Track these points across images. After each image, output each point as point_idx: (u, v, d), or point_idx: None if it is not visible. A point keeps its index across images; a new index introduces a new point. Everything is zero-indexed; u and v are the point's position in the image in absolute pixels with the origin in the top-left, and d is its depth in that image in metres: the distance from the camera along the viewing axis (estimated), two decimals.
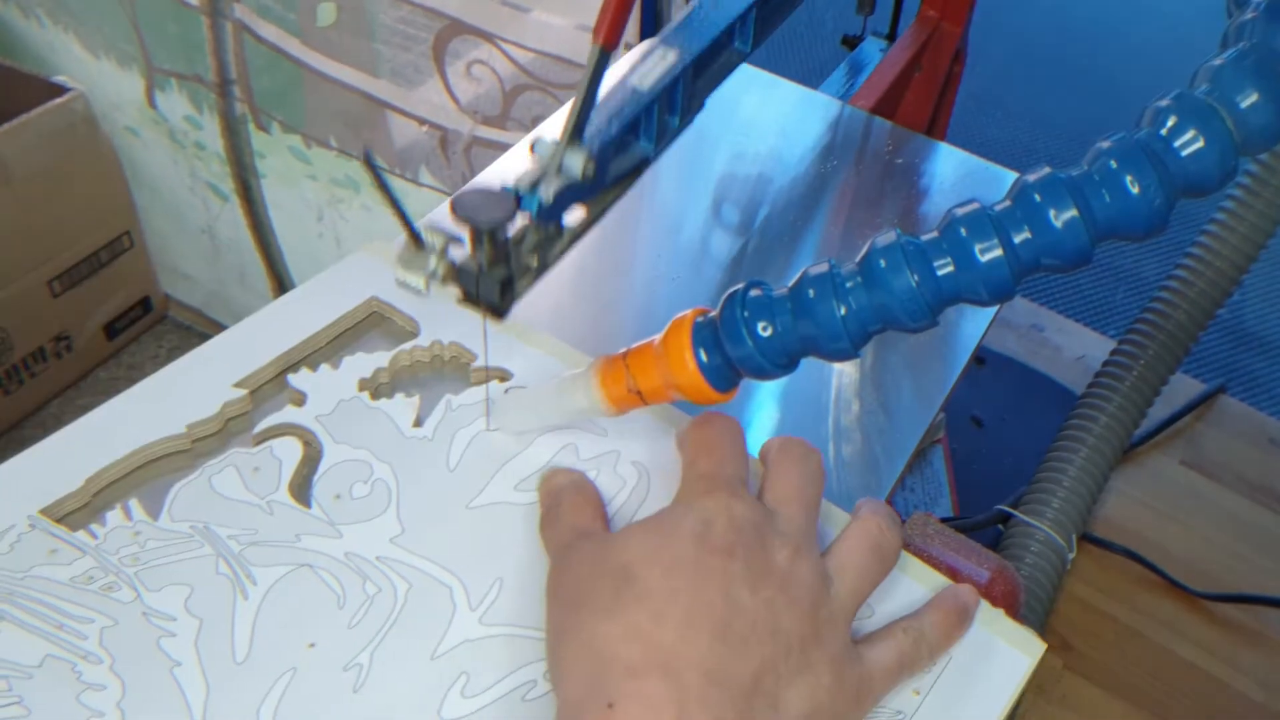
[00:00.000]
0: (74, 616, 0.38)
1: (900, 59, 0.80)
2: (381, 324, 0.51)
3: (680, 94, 0.47)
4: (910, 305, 0.36)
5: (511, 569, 0.41)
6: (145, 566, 0.40)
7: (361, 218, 1.31)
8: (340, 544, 0.41)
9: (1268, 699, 0.64)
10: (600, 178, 0.42)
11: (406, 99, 1.14)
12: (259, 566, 0.40)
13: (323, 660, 0.38)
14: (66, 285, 1.48)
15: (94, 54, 1.43)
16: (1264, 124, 0.35)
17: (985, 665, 0.39)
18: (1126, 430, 0.65)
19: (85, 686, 0.36)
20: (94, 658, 0.37)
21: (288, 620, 0.39)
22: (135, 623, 0.38)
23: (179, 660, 0.37)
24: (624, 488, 0.44)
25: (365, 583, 0.40)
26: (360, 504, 0.43)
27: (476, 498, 0.43)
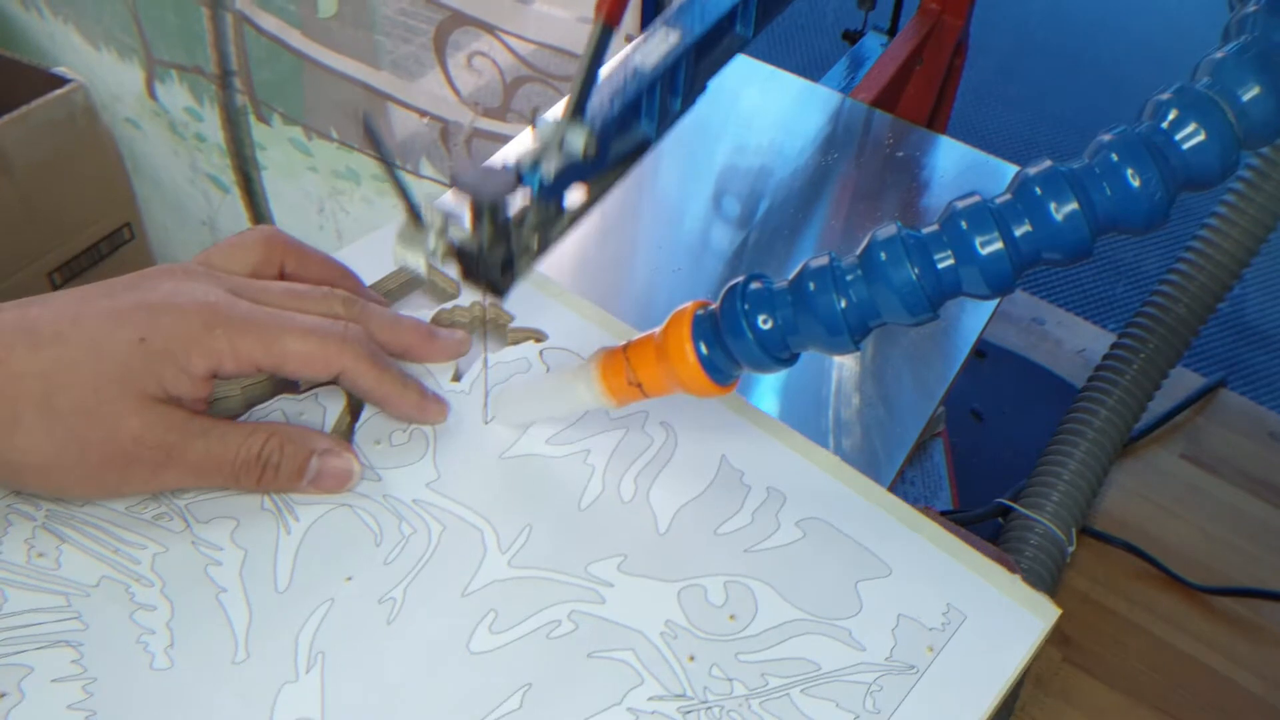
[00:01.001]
0: (128, 542, 0.41)
1: (901, 52, 0.80)
2: (424, 284, 0.53)
3: (682, 76, 0.47)
4: (911, 298, 0.36)
5: (541, 516, 0.43)
6: (195, 499, 0.42)
7: (363, 210, 1.31)
8: (379, 486, 0.43)
9: (1267, 692, 0.65)
10: (601, 157, 0.42)
11: (407, 91, 1.14)
12: (301, 504, 0.42)
13: (359, 593, 0.40)
14: (67, 277, 1.48)
15: (94, 45, 1.42)
16: (1265, 117, 0.34)
17: (999, 626, 0.40)
18: (1127, 424, 0.65)
19: (137, 607, 0.39)
20: (146, 580, 0.40)
21: (327, 555, 0.41)
22: (185, 550, 0.41)
23: (224, 587, 0.40)
24: (651, 445, 0.46)
25: (401, 523, 0.42)
26: (399, 450, 0.45)
27: (510, 449, 0.45)
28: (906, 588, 0.41)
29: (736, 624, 0.40)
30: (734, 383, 0.41)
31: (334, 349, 0.42)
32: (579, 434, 0.46)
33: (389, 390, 0.44)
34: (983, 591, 0.41)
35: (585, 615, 0.40)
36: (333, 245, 1.38)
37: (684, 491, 0.44)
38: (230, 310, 0.41)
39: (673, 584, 0.41)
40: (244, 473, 0.41)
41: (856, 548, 0.43)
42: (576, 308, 0.51)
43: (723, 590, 0.41)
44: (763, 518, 0.43)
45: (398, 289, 0.52)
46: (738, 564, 0.42)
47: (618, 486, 0.44)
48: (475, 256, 0.39)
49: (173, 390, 0.40)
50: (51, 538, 0.40)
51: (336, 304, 0.44)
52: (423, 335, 0.47)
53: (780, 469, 0.45)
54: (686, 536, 0.43)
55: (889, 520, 0.44)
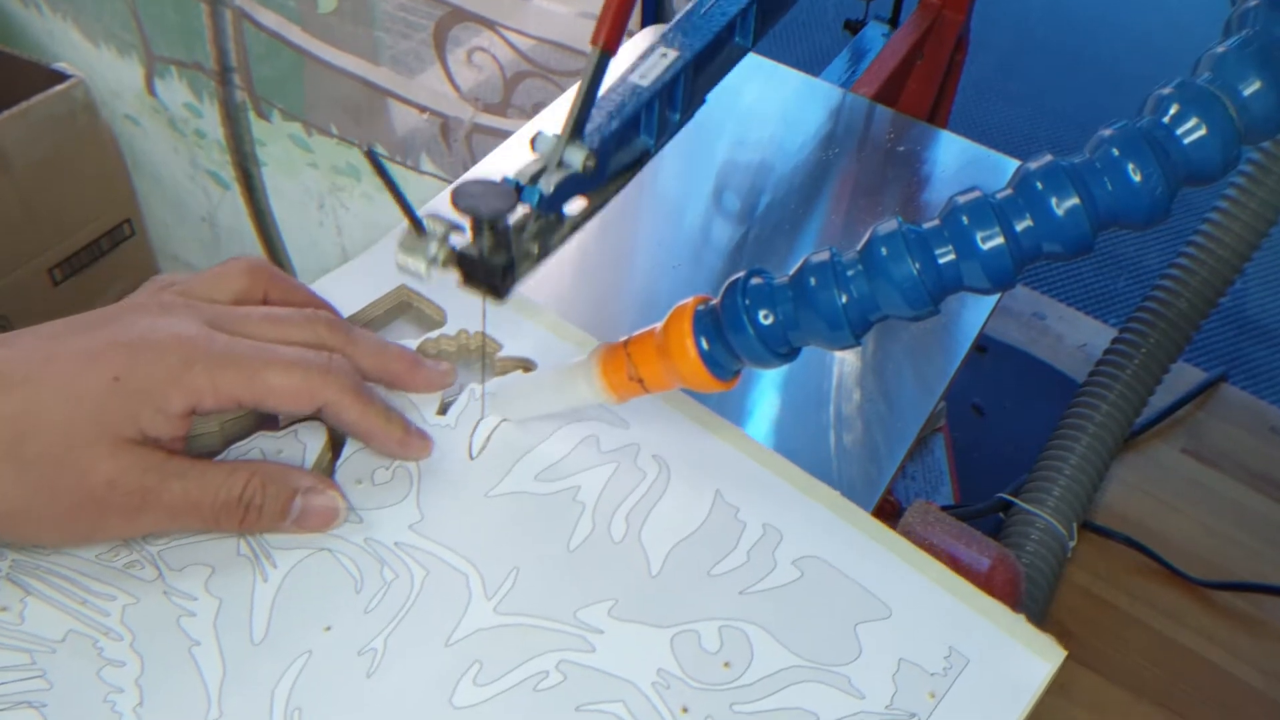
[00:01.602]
0: (97, 593, 0.39)
1: (902, 46, 0.80)
2: (409, 311, 0.51)
3: (681, 90, 0.47)
4: (912, 293, 0.36)
5: (528, 558, 0.41)
6: (168, 546, 0.40)
7: (362, 206, 1.31)
8: (360, 529, 0.42)
9: (1268, 686, 0.65)
10: (601, 171, 0.42)
11: (407, 86, 1.14)
12: (279, 549, 0.41)
13: (338, 644, 0.38)
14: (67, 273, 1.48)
15: (93, 42, 1.42)
16: (1266, 112, 0.34)
17: (1003, 670, 0.39)
18: (1128, 418, 0.65)
19: (106, 662, 0.37)
20: (115, 634, 0.38)
21: (305, 603, 0.39)
22: (156, 601, 0.39)
23: (198, 639, 0.38)
24: (643, 480, 0.44)
25: (383, 568, 0.40)
26: (381, 490, 0.43)
27: (496, 487, 0.44)
28: (907, 630, 0.40)
29: (731, 672, 0.38)
30: (735, 378, 0.41)
31: (317, 382, 0.41)
32: (568, 469, 0.44)
33: (373, 424, 0.42)
34: (986, 633, 0.40)
35: (574, 665, 0.38)
36: (332, 240, 1.39)
37: (677, 530, 0.42)
38: (209, 345, 0.40)
39: (665, 630, 0.39)
40: (225, 514, 0.39)
41: (856, 588, 0.41)
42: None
43: (717, 636, 0.39)
44: (759, 556, 0.42)
45: (382, 316, 0.50)
46: (733, 607, 0.40)
47: (608, 525, 0.42)
48: (476, 262, 0.39)
49: (149, 431, 0.38)
50: (16, 590, 0.38)
51: (321, 327, 0.43)
52: (408, 363, 0.45)
53: (777, 504, 0.44)
54: (680, 578, 0.41)
55: (889, 558, 0.42)
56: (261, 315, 0.43)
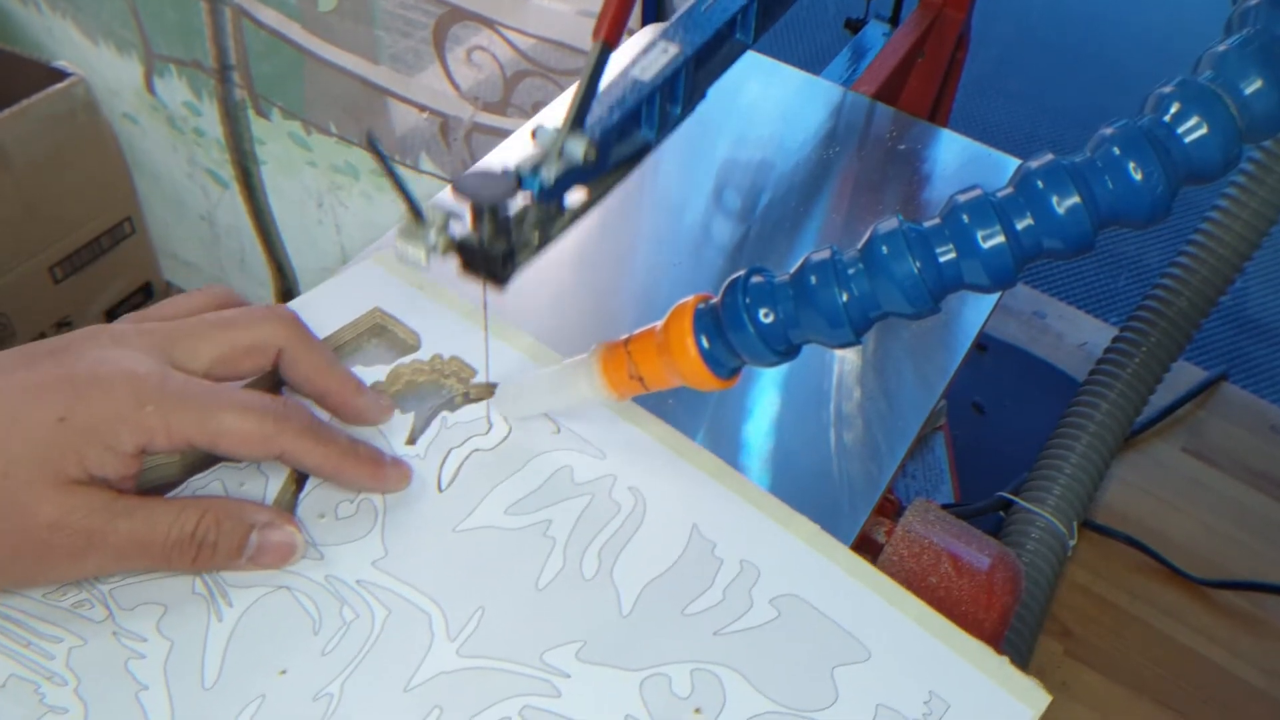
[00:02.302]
0: (42, 635, 0.37)
1: (903, 45, 0.80)
2: (384, 335, 0.50)
3: (682, 85, 0.47)
4: (912, 292, 0.36)
5: (494, 597, 0.40)
6: (119, 585, 0.39)
7: (361, 205, 1.31)
8: (321, 566, 0.40)
9: (1268, 685, 0.65)
10: (602, 162, 0.42)
11: (407, 85, 1.14)
12: (236, 587, 0.39)
13: (293, 688, 0.37)
14: (68, 271, 1.48)
15: (92, 40, 1.42)
16: (1268, 110, 0.34)
17: (985, 716, 0.38)
18: (1128, 417, 0.65)
19: (46, 710, 0.35)
20: (59, 679, 0.36)
21: (261, 644, 0.38)
22: (105, 643, 0.37)
23: (146, 684, 0.36)
24: (618, 514, 0.43)
25: (343, 608, 0.39)
26: (345, 524, 0.41)
27: (464, 521, 0.42)
28: (886, 674, 0.38)
29: (702, 718, 0.37)
30: (735, 376, 0.41)
31: (271, 428, 0.39)
32: (540, 502, 0.43)
33: (337, 465, 0.41)
34: (968, 676, 0.39)
35: (538, 711, 0.37)
36: (331, 239, 1.39)
37: (651, 566, 0.41)
38: (162, 384, 0.38)
39: (635, 673, 0.38)
40: (176, 553, 0.38)
41: (834, 628, 0.40)
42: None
43: (689, 680, 0.38)
44: (735, 595, 0.40)
45: (355, 340, 0.49)
46: (706, 649, 0.39)
47: (580, 562, 0.41)
48: (476, 250, 0.39)
49: (96, 471, 0.37)
50: None
51: (274, 324, 0.42)
52: (352, 388, 0.44)
53: (756, 539, 0.42)
54: (652, 618, 0.40)
55: (870, 596, 0.41)
56: (213, 320, 0.41)
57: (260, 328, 0.42)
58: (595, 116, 0.42)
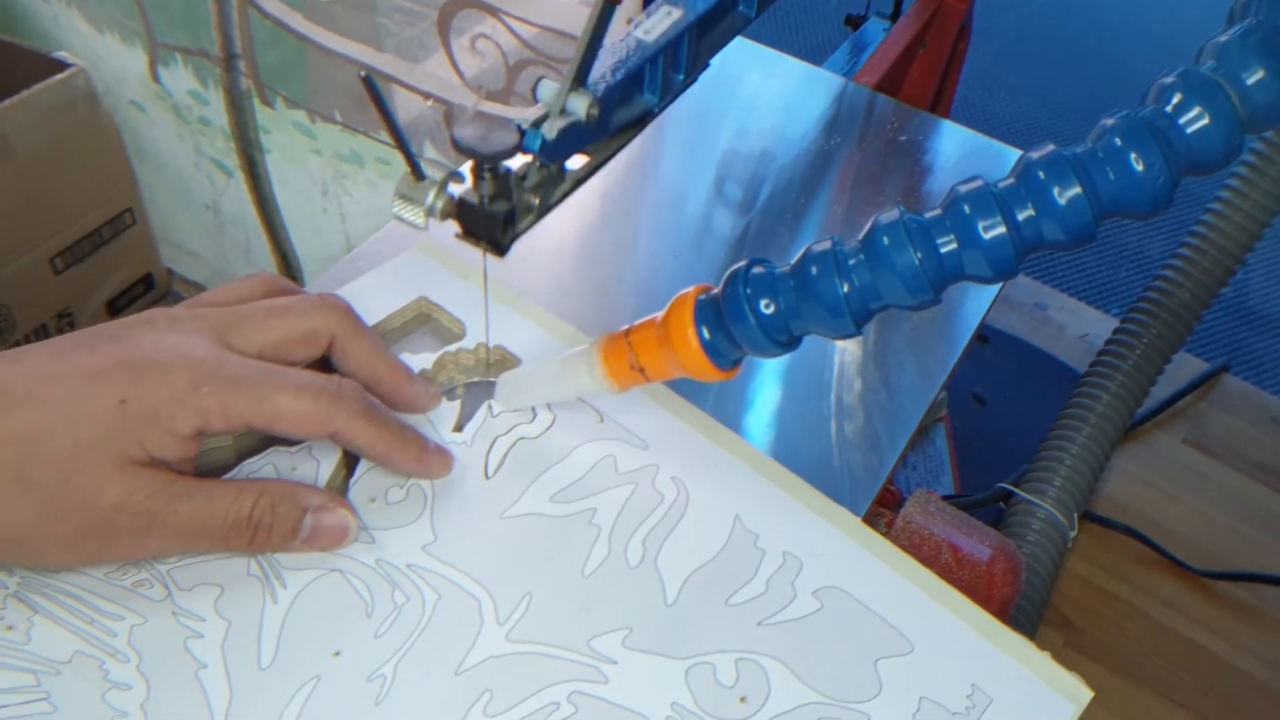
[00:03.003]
0: (105, 613, 0.38)
1: (904, 35, 0.80)
2: (428, 324, 0.50)
3: (685, 51, 0.47)
4: (913, 282, 0.36)
5: (542, 583, 0.40)
6: (178, 565, 0.40)
7: (366, 193, 1.31)
8: (372, 550, 0.41)
9: (1268, 676, 0.65)
10: (604, 123, 0.42)
11: (411, 73, 1.14)
12: (290, 570, 0.40)
13: (347, 670, 0.37)
14: (69, 262, 1.48)
15: (98, 29, 1.42)
16: (1270, 101, 0.34)
17: (1028, 710, 0.38)
18: (1129, 409, 0.65)
19: (111, 685, 0.36)
20: (122, 655, 0.37)
21: (315, 626, 0.38)
22: (164, 622, 0.38)
23: (205, 663, 0.37)
24: (661, 503, 0.43)
25: (395, 591, 0.40)
26: (395, 509, 0.42)
27: (511, 508, 0.43)
28: (929, 667, 0.39)
29: (747, 707, 0.37)
30: (736, 367, 0.41)
31: (327, 408, 0.40)
32: (585, 490, 0.43)
33: (387, 446, 0.41)
34: (1010, 671, 0.39)
35: (586, 697, 0.37)
36: (336, 227, 1.39)
37: (695, 556, 0.41)
38: (218, 366, 0.39)
39: (681, 661, 0.38)
40: (234, 535, 0.39)
41: (877, 621, 0.40)
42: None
43: (734, 669, 0.38)
44: (778, 586, 0.41)
45: (401, 328, 0.50)
46: (750, 639, 0.39)
47: (625, 550, 0.41)
48: (476, 211, 0.39)
49: (156, 453, 0.38)
50: (23, 608, 0.38)
51: (326, 314, 0.43)
52: (402, 376, 0.44)
53: (797, 531, 0.42)
54: (696, 607, 0.40)
55: (911, 590, 0.41)
56: (267, 308, 0.42)
57: (313, 316, 0.42)
58: (597, 75, 0.42)
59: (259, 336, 0.41)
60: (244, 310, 0.42)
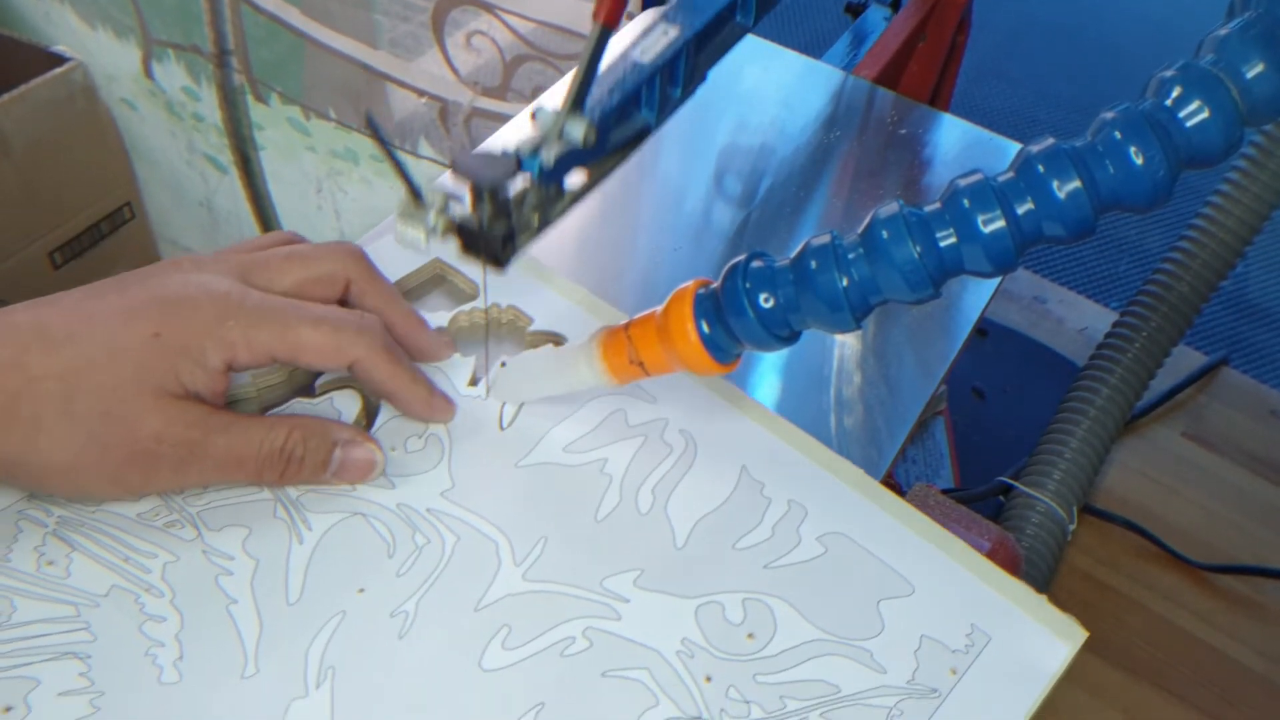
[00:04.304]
0: (139, 550, 0.40)
1: (904, 28, 0.79)
2: (443, 285, 0.52)
3: (682, 67, 0.47)
4: (913, 276, 0.36)
5: (556, 528, 0.42)
6: (206, 507, 0.41)
7: (361, 190, 1.30)
8: (393, 495, 0.42)
9: (1267, 670, 0.65)
10: (601, 144, 0.42)
11: (406, 70, 1.13)
12: (314, 513, 0.42)
13: (371, 606, 0.39)
14: (68, 256, 1.48)
15: (90, 25, 1.42)
16: (1270, 94, 0.34)
17: (1024, 649, 0.39)
18: (1128, 402, 0.65)
19: (147, 618, 0.38)
20: (156, 590, 0.39)
21: (339, 565, 0.40)
22: (195, 560, 0.40)
23: (235, 598, 0.39)
24: (670, 455, 0.45)
25: (415, 534, 0.41)
26: (414, 457, 0.44)
27: (525, 457, 0.44)
28: (929, 607, 0.40)
29: (755, 643, 0.39)
30: (735, 361, 0.41)
31: (348, 339, 0.41)
32: (596, 442, 0.45)
33: (400, 384, 0.43)
34: (1007, 613, 0.40)
35: (600, 632, 0.39)
36: (331, 225, 1.38)
37: (703, 503, 0.43)
38: (243, 300, 0.41)
39: (690, 600, 0.40)
40: (268, 467, 0.41)
41: (879, 565, 0.42)
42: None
43: (741, 608, 0.40)
44: (783, 532, 0.42)
45: (417, 288, 0.51)
46: (757, 580, 0.41)
47: (635, 498, 0.43)
48: (475, 233, 0.39)
49: (190, 385, 0.39)
50: (62, 545, 0.40)
51: (344, 259, 0.44)
52: (417, 322, 0.46)
53: (802, 481, 0.44)
54: (704, 550, 0.42)
55: (912, 537, 0.42)
56: (286, 253, 0.44)
57: (330, 259, 0.44)
58: (595, 98, 0.43)
59: (279, 278, 0.43)
60: (264, 255, 0.44)
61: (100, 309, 0.39)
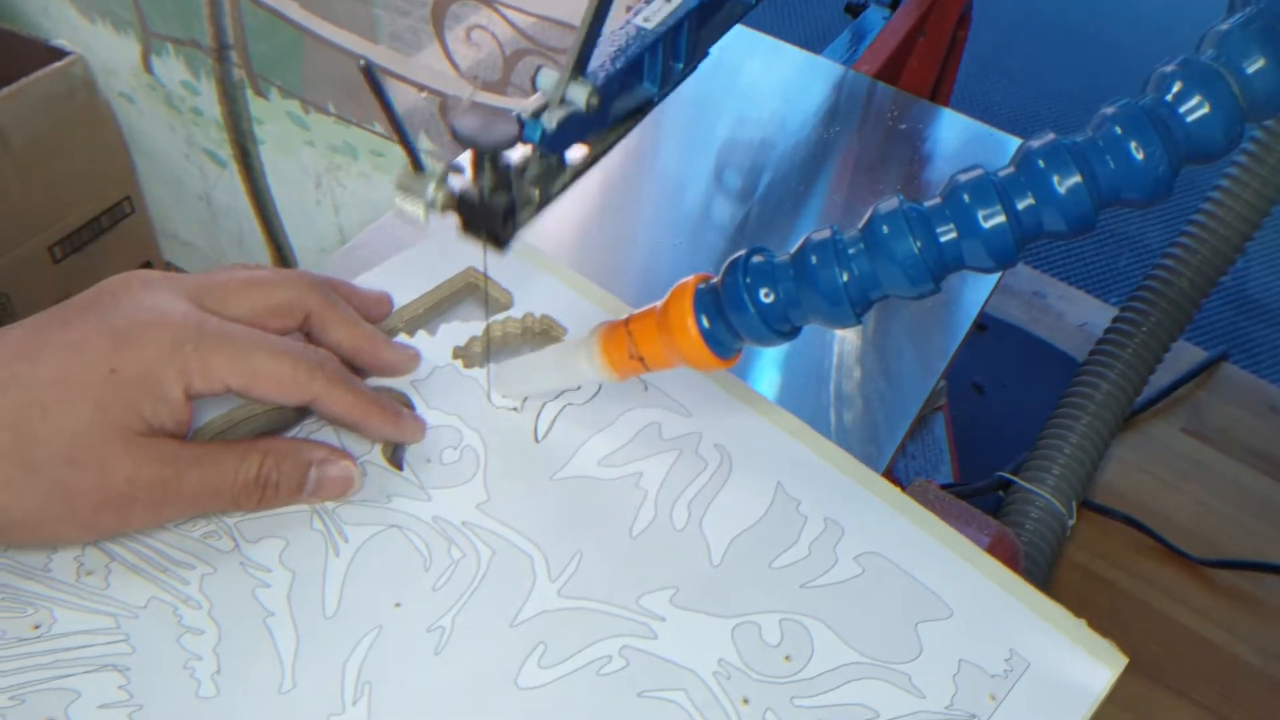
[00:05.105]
0: (177, 561, 0.40)
1: (904, 24, 0.79)
2: (477, 293, 0.52)
3: (685, 39, 0.47)
4: (913, 271, 0.36)
5: (592, 543, 0.42)
6: (244, 519, 0.41)
7: (360, 185, 1.30)
8: (429, 507, 0.42)
9: (1266, 665, 0.65)
10: (604, 113, 0.42)
11: (406, 65, 1.13)
12: (351, 525, 0.41)
13: (407, 620, 0.39)
14: (68, 251, 1.48)
15: (89, 19, 1.42)
16: (1270, 90, 0.34)
17: (1064, 674, 0.39)
18: (1128, 397, 0.65)
19: (185, 630, 0.38)
20: (194, 602, 0.39)
21: (376, 579, 0.40)
22: (233, 571, 0.40)
23: (272, 611, 0.39)
24: (705, 469, 0.44)
25: (451, 547, 0.41)
26: (449, 469, 0.44)
27: (561, 470, 0.44)
28: (968, 631, 0.40)
29: (792, 665, 0.39)
30: (735, 356, 0.41)
31: (304, 374, 0.40)
32: (632, 455, 0.45)
33: (364, 412, 0.42)
34: (1047, 637, 0.40)
35: (636, 651, 0.38)
36: (330, 219, 1.38)
37: (739, 520, 0.43)
38: (200, 325, 0.39)
39: (727, 620, 0.40)
40: (244, 495, 0.40)
41: (917, 586, 0.41)
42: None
43: (778, 628, 0.39)
44: (820, 551, 0.42)
45: (450, 298, 0.51)
46: (794, 600, 0.40)
47: (670, 513, 0.43)
48: (476, 205, 0.39)
49: (154, 421, 0.38)
50: (101, 556, 0.39)
51: (302, 287, 0.42)
52: (379, 341, 0.45)
53: (838, 499, 0.43)
54: (741, 569, 0.41)
55: (950, 557, 0.42)
56: (244, 278, 0.42)
57: (289, 288, 0.43)
58: (597, 64, 0.42)
59: (235, 303, 0.41)
60: (220, 278, 0.42)
61: (45, 346, 0.37)
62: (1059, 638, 0.40)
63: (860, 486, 0.44)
